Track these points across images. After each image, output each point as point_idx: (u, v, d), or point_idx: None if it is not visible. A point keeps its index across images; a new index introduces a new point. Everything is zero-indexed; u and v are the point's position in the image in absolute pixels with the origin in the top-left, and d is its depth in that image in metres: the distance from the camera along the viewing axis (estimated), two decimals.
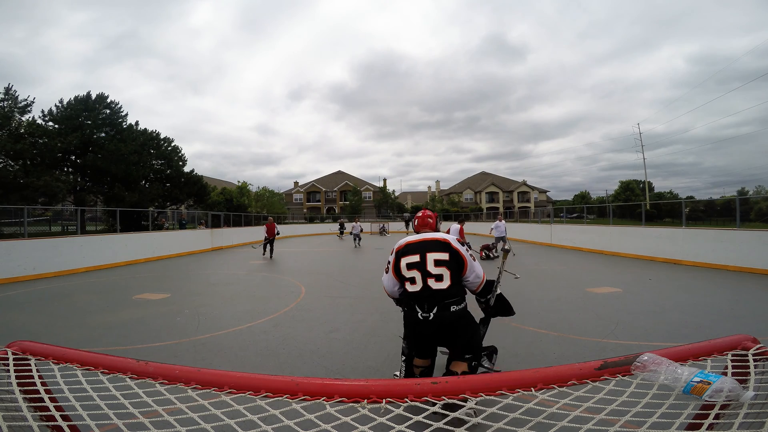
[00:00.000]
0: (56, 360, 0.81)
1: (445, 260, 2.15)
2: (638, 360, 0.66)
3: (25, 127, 19.01)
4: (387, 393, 0.63)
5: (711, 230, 10.07)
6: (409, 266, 2.19)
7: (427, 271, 2.13)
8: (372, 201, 51.80)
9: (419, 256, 2.18)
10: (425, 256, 2.16)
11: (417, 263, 2.17)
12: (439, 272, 2.12)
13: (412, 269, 2.18)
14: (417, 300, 2.16)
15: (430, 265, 2.14)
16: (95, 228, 21.14)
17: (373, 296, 6.38)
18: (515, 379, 0.64)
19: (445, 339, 2.21)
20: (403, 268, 2.21)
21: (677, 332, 4.24)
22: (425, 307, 2.13)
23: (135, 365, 0.75)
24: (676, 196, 43.39)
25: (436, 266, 2.14)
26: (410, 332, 2.30)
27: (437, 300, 2.11)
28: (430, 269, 2.13)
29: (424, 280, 2.13)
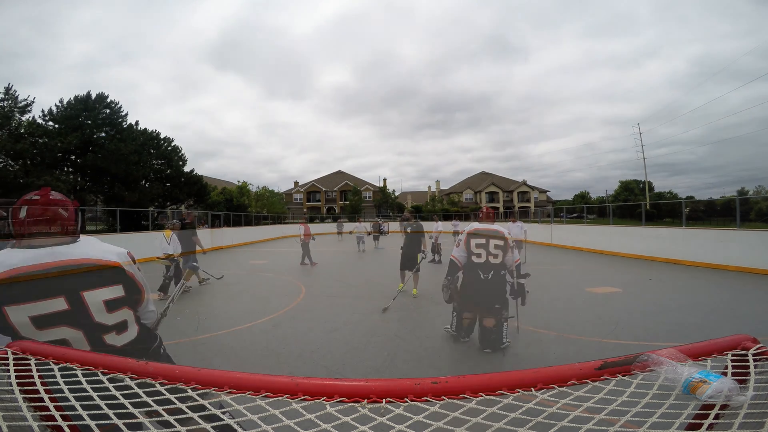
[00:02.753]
0: (56, 360, 0.81)
1: (500, 245, 3.53)
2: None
3: (25, 126, 19.02)
4: (387, 393, 0.63)
5: (711, 230, 10.08)
6: (477, 246, 3.55)
7: (490, 251, 3.53)
8: (372, 201, 51.81)
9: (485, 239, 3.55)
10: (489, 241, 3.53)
11: (483, 244, 3.55)
12: (496, 252, 3.52)
13: (479, 248, 3.55)
14: (481, 267, 3.53)
15: (491, 247, 3.53)
16: (95, 228, 21.17)
17: (373, 296, 6.38)
18: (515, 379, 0.64)
19: (492, 295, 3.51)
20: (472, 246, 3.57)
21: (677, 332, 4.24)
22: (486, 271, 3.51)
23: (135, 365, 0.75)
24: (675, 196, 43.41)
25: (495, 248, 3.53)
26: (470, 290, 3.62)
27: (494, 268, 3.53)
28: (491, 249, 3.53)
29: (487, 256, 3.53)
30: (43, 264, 1.14)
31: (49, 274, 1.14)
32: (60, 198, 1.32)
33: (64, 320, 1.14)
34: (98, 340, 1.19)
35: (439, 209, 44.99)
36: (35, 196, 1.29)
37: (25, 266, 1.12)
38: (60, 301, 1.13)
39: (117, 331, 1.24)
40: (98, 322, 1.18)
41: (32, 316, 1.10)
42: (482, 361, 3.47)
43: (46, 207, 1.26)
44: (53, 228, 1.24)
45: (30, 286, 1.11)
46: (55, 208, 1.27)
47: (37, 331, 1.11)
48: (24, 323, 1.10)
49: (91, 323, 1.17)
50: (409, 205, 51.11)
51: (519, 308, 4.04)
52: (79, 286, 1.17)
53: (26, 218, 1.23)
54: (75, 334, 1.15)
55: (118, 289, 1.24)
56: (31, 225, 1.22)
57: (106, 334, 1.20)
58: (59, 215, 1.27)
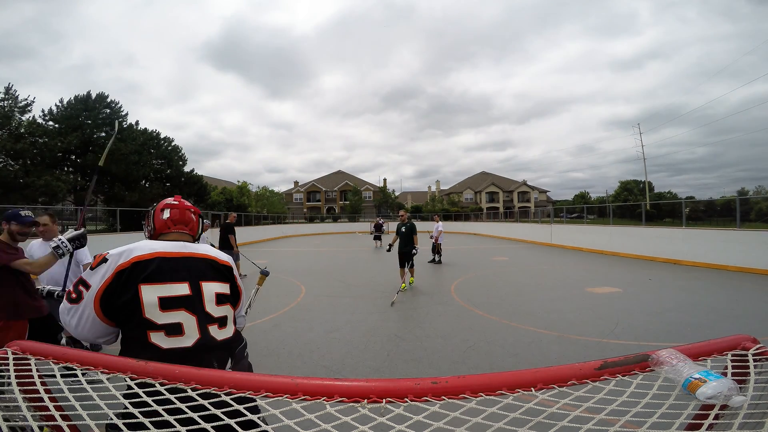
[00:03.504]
0: (56, 360, 0.81)
1: None
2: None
3: (25, 126, 19.01)
4: (387, 393, 0.63)
5: (711, 230, 10.08)
6: None
7: None
8: (372, 201, 51.82)
9: None
10: None
11: None
12: None
13: None
14: None
15: None
16: (95, 227, 21.15)
17: (373, 296, 6.38)
18: (515, 379, 0.64)
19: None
20: None
21: (677, 332, 4.24)
22: None
23: (135, 365, 0.75)
24: (675, 196, 43.40)
25: None
26: None
27: None
28: None
29: None
30: (178, 252, 1.28)
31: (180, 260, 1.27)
32: (190, 205, 1.51)
33: (185, 304, 1.21)
34: (205, 329, 1.23)
35: (439, 209, 44.98)
36: (174, 201, 1.49)
37: (164, 251, 1.26)
38: (184, 286, 1.23)
39: (219, 325, 1.28)
40: (207, 311, 1.24)
41: (161, 296, 1.19)
42: (482, 361, 3.47)
43: (183, 211, 1.45)
44: (185, 229, 1.44)
45: (165, 269, 1.22)
46: (189, 212, 1.46)
47: (161, 312, 1.17)
48: (152, 303, 1.17)
49: (202, 311, 1.24)
50: (409, 205, 51.12)
51: None
52: (200, 276, 1.27)
53: (168, 219, 1.42)
54: (190, 319, 1.21)
55: (226, 287, 1.34)
56: (172, 224, 1.41)
57: (211, 325, 1.25)
58: (191, 219, 1.46)
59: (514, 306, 5.56)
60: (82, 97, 22.84)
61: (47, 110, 21.78)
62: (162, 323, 1.17)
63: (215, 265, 1.34)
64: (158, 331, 1.16)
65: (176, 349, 1.17)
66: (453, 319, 4.90)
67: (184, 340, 1.18)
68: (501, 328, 4.46)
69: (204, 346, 1.21)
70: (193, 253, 1.31)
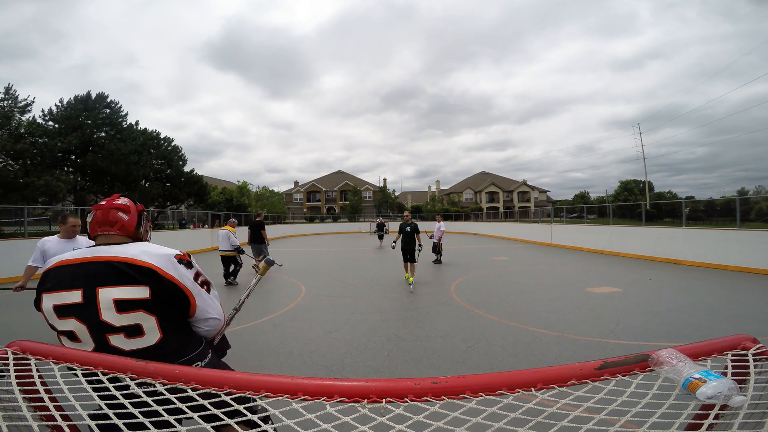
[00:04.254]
0: (56, 360, 0.81)
1: None
2: (653, 356, 0.67)
3: (25, 126, 18.99)
4: (387, 393, 0.63)
5: (711, 230, 10.07)
6: None
7: None
8: (372, 201, 51.80)
9: None
10: None
11: None
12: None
13: None
14: None
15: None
16: None
17: (373, 296, 6.38)
18: (515, 379, 0.64)
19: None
20: None
21: (677, 332, 4.24)
22: None
23: (135, 365, 0.75)
24: (675, 196, 43.38)
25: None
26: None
27: None
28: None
29: None
30: (82, 258, 1.22)
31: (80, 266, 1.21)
32: (122, 204, 1.40)
33: (74, 312, 1.17)
34: (101, 338, 1.17)
35: (439, 209, 44.97)
36: (102, 202, 1.40)
37: (67, 259, 1.23)
38: (77, 293, 1.17)
39: (126, 334, 1.18)
40: (104, 320, 1.16)
41: (55, 304, 1.18)
42: (482, 362, 3.47)
43: (107, 211, 1.35)
44: (112, 230, 1.34)
45: (61, 277, 1.20)
46: (115, 211, 1.36)
47: (57, 319, 1.18)
48: (49, 311, 1.19)
49: (96, 319, 1.16)
50: (409, 205, 51.10)
51: None
52: (99, 282, 1.18)
53: (92, 221, 1.36)
54: (81, 328, 1.17)
55: (140, 290, 1.18)
56: (96, 227, 1.34)
57: (111, 334, 1.17)
58: (117, 219, 1.35)
59: (514, 306, 5.56)
60: (82, 97, 22.83)
61: (47, 110, 21.78)
62: (61, 329, 1.19)
63: (123, 269, 1.19)
64: (62, 336, 1.21)
65: None
66: (453, 319, 4.90)
67: (83, 346, 1.18)
68: (501, 328, 4.46)
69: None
70: (98, 257, 1.21)
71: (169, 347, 1.24)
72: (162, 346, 1.22)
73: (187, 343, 1.31)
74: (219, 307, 1.39)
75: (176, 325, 1.28)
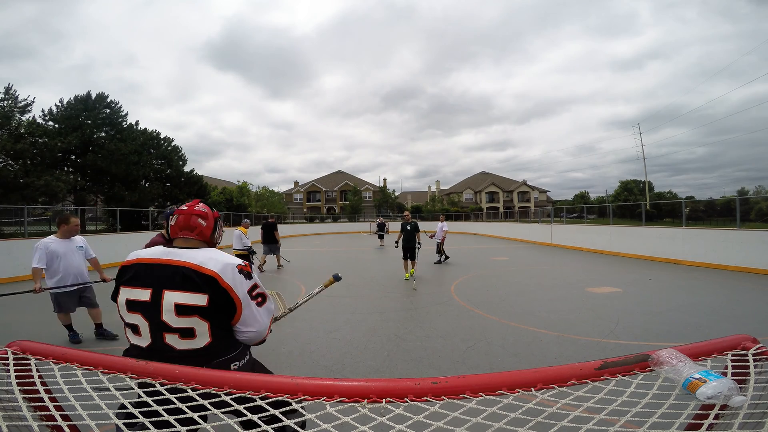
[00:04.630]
0: (56, 360, 0.81)
1: None
2: (653, 356, 0.66)
3: (25, 126, 18.99)
4: (387, 393, 0.63)
5: (711, 230, 10.07)
6: None
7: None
8: (372, 201, 51.80)
9: None
10: None
11: None
12: None
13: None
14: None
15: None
16: (95, 228, 21.16)
17: (373, 296, 6.38)
18: (515, 379, 0.64)
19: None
20: None
21: (677, 332, 4.24)
22: None
23: (135, 365, 0.75)
24: (675, 196, 43.38)
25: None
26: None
27: None
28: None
29: None
30: (158, 259, 1.33)
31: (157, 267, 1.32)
32: (202, 211, 1.51)
33: (141, 309, 1.29)
34: (158, 336, 1.28)
35: (439, 209, 44.96)
36: (184, 207, 1.52)
37: (146, 258, 1.35)
38: (147, 292, 1.29)
39: (180, 335, 1.27)
40: (164, 320, 1.26)
41: (128, 299, 1.31)
42: (482, 362, 3.47)
43: (189, 217, 1.46)
44: (191, 234, 1.45)
45: (139, 275, 1.32)
46: (196, 218, 1.47)
47: (127, 312, 1.31)
48: (122, 303, 1.32)
49: (157, 319, 1.27)
50: (409, 205, 51.10)
51: None
52: (166, 285, 1.28)
53: (174, 225, 1.47)
54: (143, 324, 1.29)
55: (199, 298, 1.27)
56: (178, 230, 1.46)
57: (168, 333, 1.27)
58: (197, 225, 1.46)
59: (514, 306, 5.56)
60: (82, 97, 22.83)
61: (47, 110, 21.78)
62: (127, 321, 1.32)
63: (189, 275, 1.28)
64: (127, 327, 1.34)
65: (136, 346, 1.32)
66: (453, 319, 4.90)
67: (141, 340, 1.30)
68: (501, 328, 4.46)
69: (157, 351, 1.28)
70: (171, 261, 1.31)
71: (214, 350, 1.32)
72: (209, 349, 1.31)
73: (230, 346, 1.38)
74: (264, 321, 1.43)
75: (224, 331, 1.35)
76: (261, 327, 1.41)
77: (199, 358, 1.30)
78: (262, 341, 1.48)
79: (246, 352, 1.46)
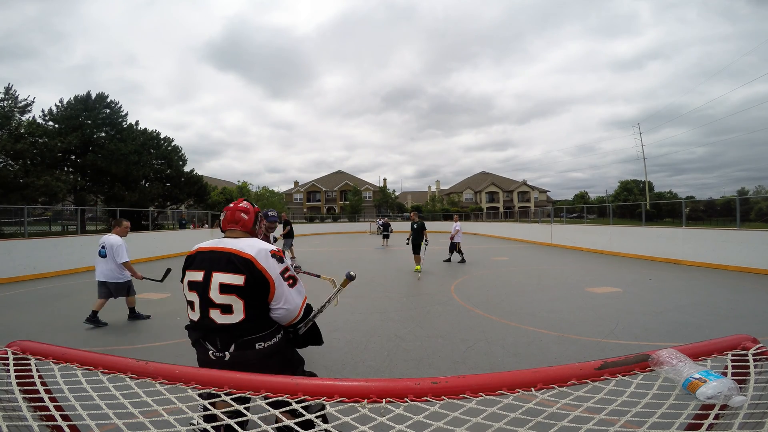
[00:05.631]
0: (56, 360, 0.81)
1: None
2: (653, 356, 0.66)
3: (25, 126, 18.99)
4: (387, 393, 0.63)
5: (711, 230, 10.06)
6: None
7: None
8: (372, 201, 51.79)
9: None
10: None
11: None
12: None
13: None
14: None
15: None
16: (95, 228, 21.14)
17: (373, 296, 6.38)
18: (515, 379, 0.64)
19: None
20: None
21: (677, 332, 4.24)
22: None
23: (135, 365, 0.74)
24: (675, 196, 43.39)
25: None
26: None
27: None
28: None
29: None
30: (211, 247, 1.60)
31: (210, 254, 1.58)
32: (244, 207, 1.78)
33: (196, 288, 1.53)
34: (205, 311, 1.51)
35: (439, 209, 44.96)
36: (231, 205, 1.79)
37: (204, 247, 1.62)
38: (200, 274, 1.54)
39: (222, 311, 1.49)
40: (210, 296, 1.50)
41: (189, 280, 1.57)
42: (482, 362, 3.47)
43: (233, 212, 1.74)
44: (236, 227, 1.73)
45: (197, 260, 1.59)
46: (239, 213, 1.74)
47: (188, 292, 1.57)
48: (185, 284, 1.59)
49: (206, 296, 1.50)
50: (409, 205, 51.10)
51: None
52: (215, 267, 1.53)
53: (223, 219, 1.75)
54: (197, 300, 1.52)
55: (237, 278, 1.49)
56: (226, 224, 1.74)
57: (212, 309, 1.50)
58: (240, 218, 1.73)
59: (514, 306, 5.56)
60: (82, 97, 22.82)
61: (47, 110, 21.78)
62: (188, 299, 1.57)
63: (232, 259, 1.51)
64: (188, 305, 1.58)
65: (191, 320, 1.57)
66: (453, 319, 4.90)
67: (194, 315, 1.54)
68: (501, 328, 4.46)
69: (203, 324, 1.51)
70: (220, 248, 1.57)
71: (244, 327, 1.51)
72: (240, 326, 1.50)
73: (260, 325, 1.56)
74: (296, 300, 1.62)
75: (257, 310, 1.54)
76: (291, 306, 1.60)
77: (233, 332, 1.49)
78: (295, 322, 1.66)
79: (274, 336, 1.61)
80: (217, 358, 1.51)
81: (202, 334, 1.53)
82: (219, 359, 1.50)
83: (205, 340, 1.53)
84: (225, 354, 1.50)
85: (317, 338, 1.94)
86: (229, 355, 1.49)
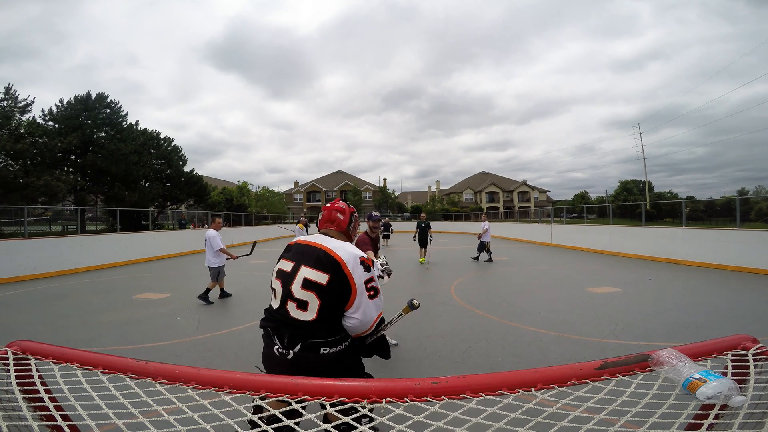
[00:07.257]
0: (56, 360, 0.80)
1: None
2: (653, 356, 0.66)
3: (25, 126, 18.98)
4: (387, 393, 0.63)
5: (711, 230, 10.06)
6: None
7: None
8: (372, 201, 51.79)
9: None
10: None
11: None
12: None
13: None
14: None
15: None
16: (95, 228, 21.15)
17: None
18: (515, 379, 0.64)
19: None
20: None
21: (677, 332, 4.24)
22: None
23: (135, 365, 0.74)
24: (676, 196, 43.39)
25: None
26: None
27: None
28: None
29: None
30: (306, 241, 1.64)
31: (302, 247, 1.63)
32: (340, 207, 1.82)
33: (282, 277, 1.57)
34: (284, 302, 1.53)
35: (439, 209, 44.96)
36: (327, 205, 1.84)
37: (301, 240, 1.67)
38: (290, 265, 1.57)
39: (298, 305, 1.50)
40: (291, 289, 1.51)
41: (278, 268, 1.61)
42: (482, 361, 3.47)
43: (330, 212, 1.79)
44: (332, 226, 1.78)
45: (291, 251, 1.64)
46: (334, 212, 1.79)
47: (274, 279, 1.62)
48: (274, 271, 1.64)
49: (288, 287, 1.52)
50: (409, 205, 51.12)
51: None
52: (304, 261, 1.54)
53: (320, 219, 1.81)
54: (279, 289, 1.55)
55: (322, 276, 1.48)
56: (323, 223, 1.80)
57: (291, 301, 1.51)
58: (336, 218, 1.79)
59: (514, 306, 5.56)
60: (82, 97, 22.81)
61: (47, 110, 21.77)
62: (272, 286, 1.62)
63: (321, 256, 1.53)
64: (271, 290, 1.62)
65: (270, 306, 1.60)
66: (453, 319, 4.90)
67: (274, 302, 1.57)
68: (501, 328, 4.46)
69: (280, 314, 1.53)
70: (314, 243, 1.60)
71: (313, 328, 1.49)
72: (310, 326, 1.49)
73: (329, 330, 1.53)
74: (372, 314, 1.60)
75: (330, 314, 1.51)
76: (366, 318, 1.57)
77: (302, 330, 1.49)
78: (365, 334, 1.64)
79: (340, 344, 1.56)
80: (280, 355, 1.49)
81: (275, 324, 1.53)
82: (282, 356, 1.49)
83: (274, 333, 1.52)
84: (289, 352, 1.48)
85: (386, 351, 1.88)
86: (293, 354, 1.47)
